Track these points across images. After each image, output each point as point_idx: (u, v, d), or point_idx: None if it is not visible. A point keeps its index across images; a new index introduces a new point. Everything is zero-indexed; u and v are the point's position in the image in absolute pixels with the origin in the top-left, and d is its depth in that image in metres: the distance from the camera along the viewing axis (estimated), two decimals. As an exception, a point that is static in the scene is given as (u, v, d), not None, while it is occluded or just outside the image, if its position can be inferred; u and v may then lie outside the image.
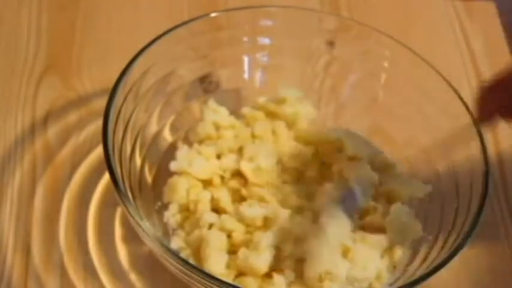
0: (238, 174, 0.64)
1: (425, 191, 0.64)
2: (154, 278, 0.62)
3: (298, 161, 0.66)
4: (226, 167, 0.64)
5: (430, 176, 0.65)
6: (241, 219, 0.60)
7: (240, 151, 0.65)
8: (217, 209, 0.62)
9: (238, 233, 0.59)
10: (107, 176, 0.66)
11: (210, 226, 0.60)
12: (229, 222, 0.60)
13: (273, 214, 0.60)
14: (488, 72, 0.81)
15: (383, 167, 0.66)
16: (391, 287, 0.58)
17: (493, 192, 0.70)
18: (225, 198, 0.62)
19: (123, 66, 0.60)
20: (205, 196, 0.62)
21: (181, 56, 0.67)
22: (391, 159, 0.67)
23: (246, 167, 0.63)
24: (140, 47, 0.62)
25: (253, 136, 0.67)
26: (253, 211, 0.60)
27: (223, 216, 0.61)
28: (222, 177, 0.64)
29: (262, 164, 0.63)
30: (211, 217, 0.60)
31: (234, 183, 0.63)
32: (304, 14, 0.69)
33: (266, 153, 0.64)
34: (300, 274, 0.58)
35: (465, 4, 0.88)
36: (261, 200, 0.62)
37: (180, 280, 0.55)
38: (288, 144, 0.67)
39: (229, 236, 0.60)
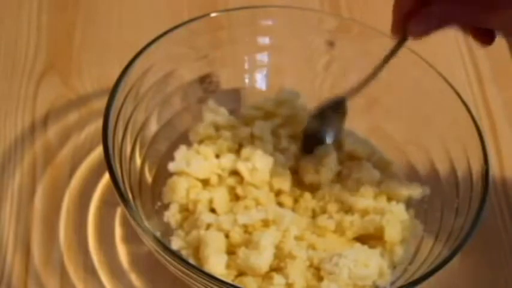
0: (235, 173, 0.64)
1: (424, 192, 0.64)
2: (154, 278, 0.62)
3: (296, 161, 0.66)
4: (225, 166, 0.64)
5: (430, 176, 0.65)
6: (239, 224, 0.60)
7: (239, 151, 0.65)
8: (215, 209, 0.62)
9: (236, 233, 0.59)
10: (107, 176, 0.66)
11: (208, 226, 0.60)
12: (227, 222, 0.60)
13: (273, 216, 0.60)
14: (489, 71, 0.81)
15: (381, 166, 0.67)
16: (392, 287, 0.59)
17: (493, 192, 0.70)
18: (222, 199, 0.62)
19: (123, 66, 0.61)
20: (204, 196, 0.62)
21: (181, 56, 0.67)
22: (389, 158, 0.68)
23: (242, 167, 0.63)
24: (140, 47, 0.62)
25: (252, 136, 0.67)
26: (250, 217, 0.60)
27: (221, 217, 0.61)
28: (220, 176, 0.64)
29: (258, 164, 0.63)
30: (209, 217, 0.60)
31: (231, 181, 0.63)
32: (304, 14, 0.69)
33: (263, 154, 0.64)
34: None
35: (465, 4, 0.88)
36: (257, 201, 0.62)
37: (180, 280, 0.55)
38: (286, 144, 0.67)
39: (227, 236, 0.60)
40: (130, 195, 0.57)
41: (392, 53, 0.59)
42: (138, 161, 0.63)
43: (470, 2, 0.49)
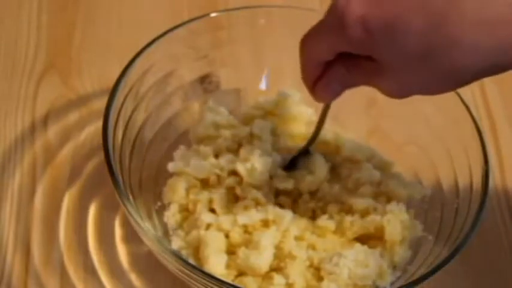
0: (235, 173, 0.64)
1: (424, 192, 0.64)
2: (154, 278, 0.62)
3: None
4: (224, 166, 0.64)
5: (430, 176, 0.65)
6: (239, 224, 0.60)
7: (238, 150, 0.65)
8: (214, 209, 0.62)
9: (236, 233, 0.59)
10: (107, 176, 0.66)
11: (208, 226, 0.60)
12: (227, 223, 0.60)
13: (273, 216, 0.60)
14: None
15: (380, 166, 0.67)
16: (392, 287, 0.59)
17: (493, 192, 0.70)
18: (221, 199, 0.62)
19: (123, 66, 0.61)
20: (204, 196, 0.62)
21: (181, 56, 0.67)
22: (389, 159, 0.68)
23: (241, 168, 0.63)
24: (140, 47, 0.62)
25: (251, 136, 0.67)
26: (250, 217, 0.60)
27: (221, 217, 0.61)
28: (219, 177, 0.64)
29: (257, 164, 0.63)
30: (209, 217, 0.60)
31: (230, 181, 0.63)
32: (304, 14, 0.69)
33: (262, 154, 0.64)
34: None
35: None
36: (256, 202, 0.62)
37: (180, 280, 0.55)
38: (286, 144, 0.67)
39: (227, 236, 0.60)
40: (130, 196, 0.57)
41: (324, 113, 0.60)
42: (138, 160, 0.63)
43: (360, 68, 0.51)
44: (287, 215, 0.60)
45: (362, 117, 0.70)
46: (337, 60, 0.52)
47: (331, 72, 0.53)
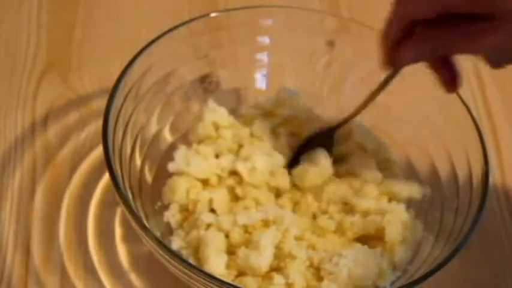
0: (235, 173, 0.64)
1: (424, 192, 0.64)
2: (154, 278, 0.62)
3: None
4: (224, 166, 0.64)
5: (430, 176, 0.65)
6: (238, 224, 0.60)
7: (238, 151, 0.65)
8: (215, 210, 0.62)
9: (236, 233, 0.59)
10: (107, 176, 0.66)
11: (208, 226, 0.60)
12: (227, 223, 0.60)
13: (273, 216, 0.60)
14: (488, 71, 0.80)
15: (384, 165, 0.67)
16: (392, 287, 0.59)
17: (493, 192, 0.70)
18: (222, 199, 0.62)
19: (123, 66, 0.61)
20: (204, 196, 0.62)
21: (181, 56, 0.67)
22: (393, 157, 0.68)
23: (241, 167, 0.63)
24: (140, 46, 0.62)
25: (252, 136, 0.67)
26: (250, 217, 0.60)
27: (221, 217, 0.61)
28: (220, 177, 0.64)
29: (257, 164, 0.63)
30: (209, 217, 0.60)
31: (231, 182, 0.64)
32: (304, 14, 0.69)
33: (262, 153, 0.64)
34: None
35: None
36: (257, 201, 0.62)
37: (180, 280, 0.55)
38: (286, 142, 0.67)
39: (227, 236, 0.60)
40: (130, 195, 0.57)
41: (385, 84, 0.59)
42: (138, 161, 0.63)
43: (453, 31, 0.50)
44: (287, 215, 0.60)
45: (362, 117, 0.70)
46: (430, 24, 0.49)
47: (427, 32, 0.50)
